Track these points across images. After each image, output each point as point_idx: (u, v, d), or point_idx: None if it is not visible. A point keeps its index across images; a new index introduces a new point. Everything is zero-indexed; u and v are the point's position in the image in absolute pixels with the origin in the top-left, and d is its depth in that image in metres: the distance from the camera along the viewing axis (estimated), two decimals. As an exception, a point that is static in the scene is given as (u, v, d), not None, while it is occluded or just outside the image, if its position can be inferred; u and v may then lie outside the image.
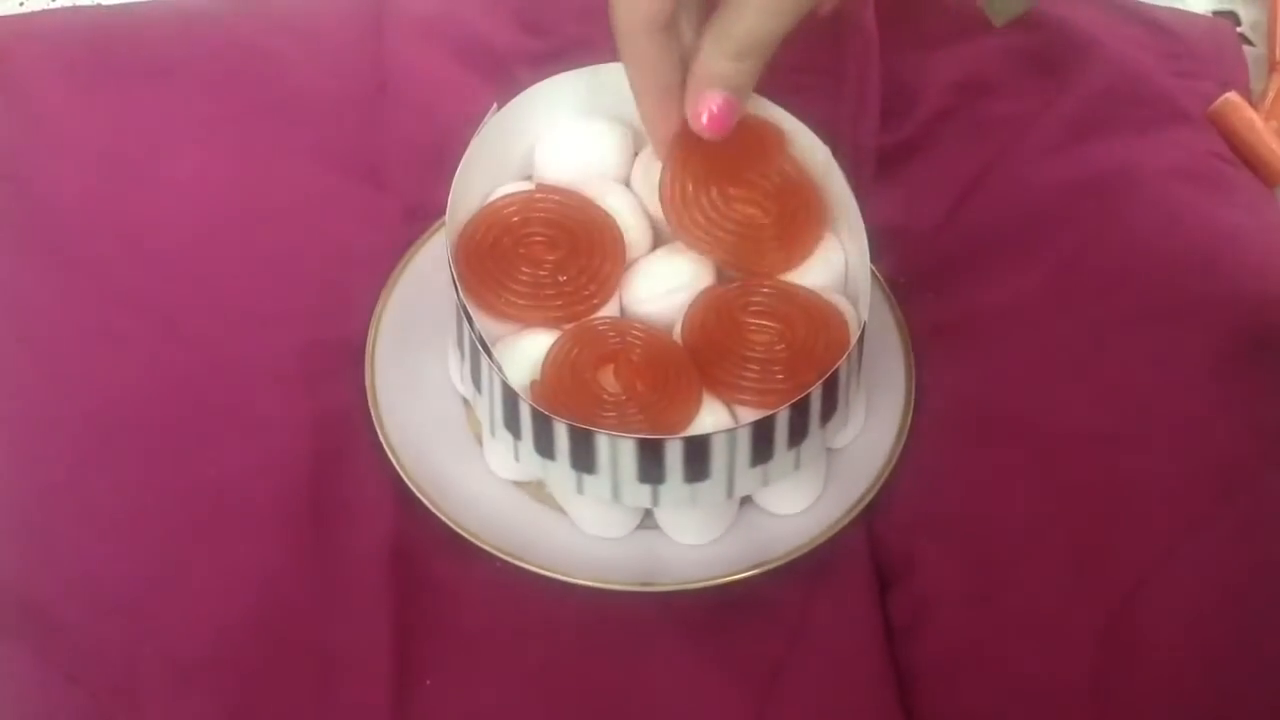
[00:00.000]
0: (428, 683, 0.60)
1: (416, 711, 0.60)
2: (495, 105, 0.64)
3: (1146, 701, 0.59)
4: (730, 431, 0.58)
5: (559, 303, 0.62)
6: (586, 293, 0.62)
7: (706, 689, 0.61)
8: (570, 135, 0.66)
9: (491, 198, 0.65)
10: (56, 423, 0.65)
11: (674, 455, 0.58)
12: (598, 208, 0.64)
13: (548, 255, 0.63)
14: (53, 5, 0.82)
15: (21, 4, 0.82)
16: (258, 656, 0.60)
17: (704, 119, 0.59)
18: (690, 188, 0.63)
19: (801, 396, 0.58)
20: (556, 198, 0.64)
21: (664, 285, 0.63)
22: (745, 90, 0.60)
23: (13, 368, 0.66)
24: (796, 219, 0.64)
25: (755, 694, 0.61)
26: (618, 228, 0.64)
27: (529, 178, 0.66)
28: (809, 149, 0.64)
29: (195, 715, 0.59)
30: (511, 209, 0.64)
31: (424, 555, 0.63)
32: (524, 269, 0.62)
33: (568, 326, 0.62)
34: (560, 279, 0.62)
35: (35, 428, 0.65)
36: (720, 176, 0.63)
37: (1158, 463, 0.64)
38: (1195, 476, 0.63)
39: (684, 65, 0.60)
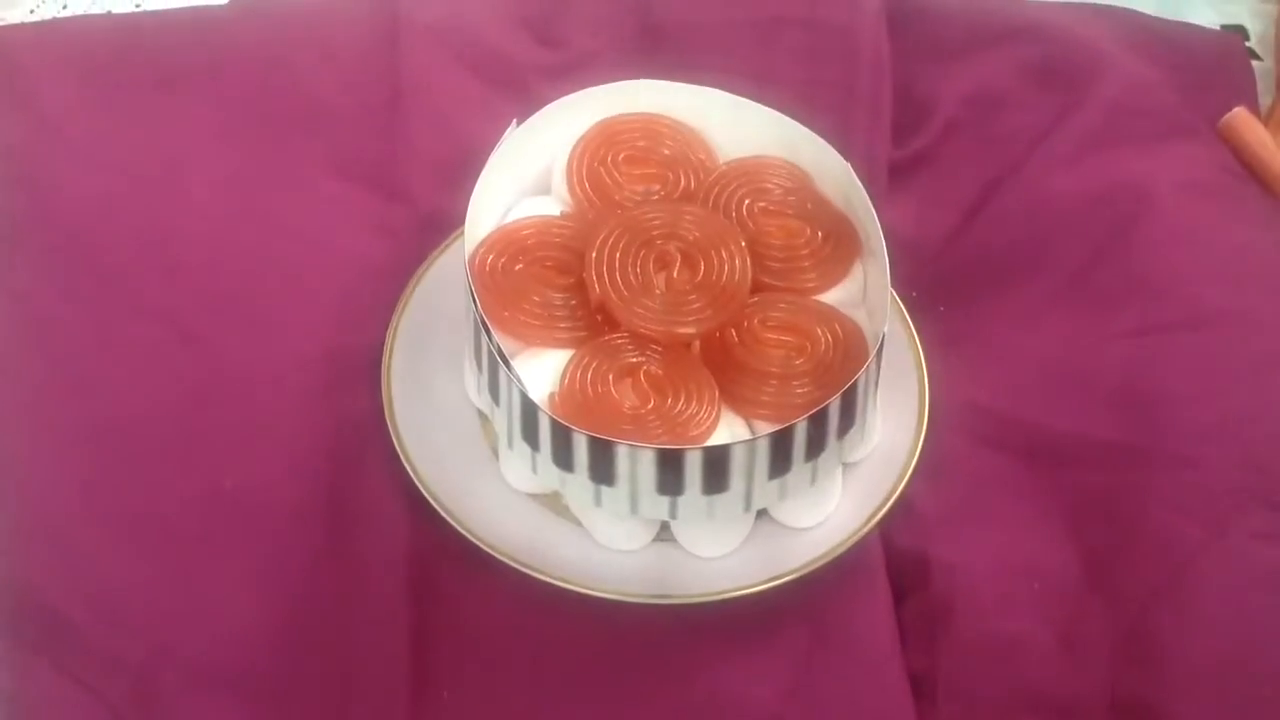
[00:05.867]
0: (445, 694, 0.61)
1: (434, 723, 0.60)
2: (515, 121, 0.64)
3: (1165, 712, 0.59)
4: (750, 442, 0.58)
5: (566, 325, 0.62)
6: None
7: (723, 701, 0.61)
8: None
9: (510, 214, 0.65)
10: (75, 433, 0.65)
11: (693, 466, 0.58)
12: None
13: (559, 280, 0.63)
14: (62, 14, 0.82)
15: (32, 11, 0.82)
16: (276, 667, 0.60)
17: None
18: None
19: (820, 409, 0.58)
20: (573, 225, 0.65)
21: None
22: None
23: (34, 379, 0.66)
24: (827, 244, 0.65)
25: (772, 705, 0.61)
26: None
27: (547, 193, 0.67)
28: (828, 166, 0.65)
29: (212, 726, 0.59)
30: (527, 232, 0.64)
31: (441, 567, 0.63)
32: (536, 291, 0.63)
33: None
34: (571, 303, 0.63)
35: (55, 438, 0.65)
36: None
37: (1171, 472, 0.65)
38: (1205, 487, 0.64)
39: None
